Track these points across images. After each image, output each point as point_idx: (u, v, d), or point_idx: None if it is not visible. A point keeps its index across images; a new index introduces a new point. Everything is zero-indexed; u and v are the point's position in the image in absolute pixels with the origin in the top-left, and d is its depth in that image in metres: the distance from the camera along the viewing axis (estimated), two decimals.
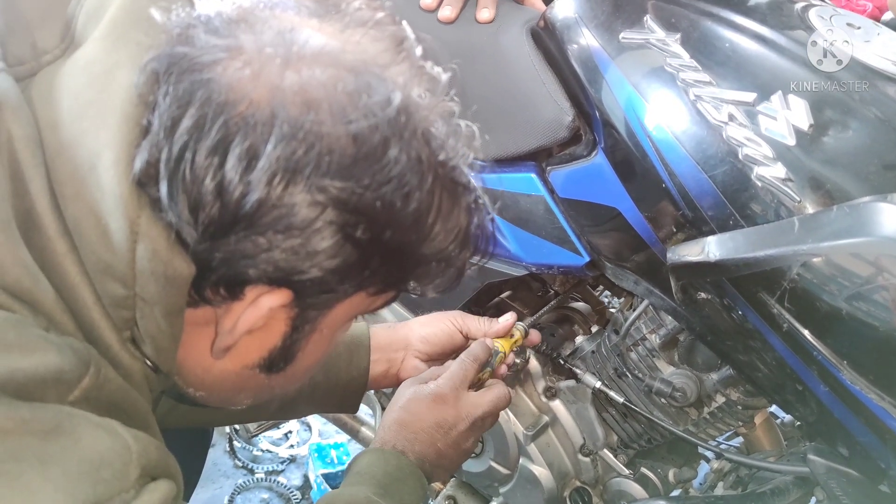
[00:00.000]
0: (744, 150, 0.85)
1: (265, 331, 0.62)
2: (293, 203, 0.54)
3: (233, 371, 0.66)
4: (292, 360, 0.66)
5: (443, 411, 0.96)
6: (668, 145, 0.91)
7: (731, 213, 0.87)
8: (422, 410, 0.95)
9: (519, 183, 1.13)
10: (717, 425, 1.19)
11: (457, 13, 1.22)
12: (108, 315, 0.56)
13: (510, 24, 1.18)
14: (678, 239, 0.94)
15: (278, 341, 0.64)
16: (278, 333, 0.64)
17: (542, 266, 1.17)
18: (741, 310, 0.89)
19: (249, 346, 0.64)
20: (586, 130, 1.05)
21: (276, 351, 0.65)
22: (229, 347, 0.63)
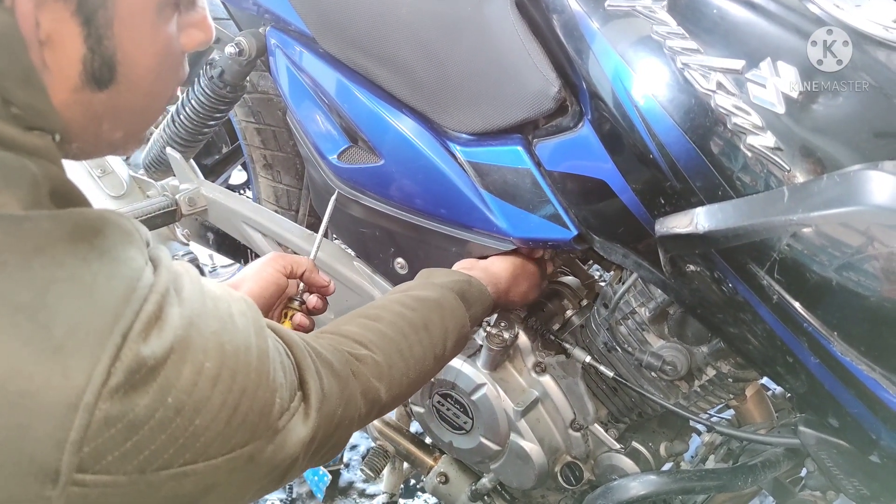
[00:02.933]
0: (732, 119, 0.83)
1: (57, 40, 0.57)
2: None
3: (73, 101, 0.61)
4: (115, 66, 0.61)
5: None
6: (655, 115, 0.89)
7: (720, 183, 0.85)
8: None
9: (505, 156, 1.12)
10: (708, 398, 1.19)
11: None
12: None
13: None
14: (666, 211, 0.92)
15: (80, 46, 0.58)
16: (72, 37, 0.58)
17: (529, 240, 1.15)
18: (731, 282, 0.88)
19: (60, 64, 0.58)
20: (573, 101, 1.03)
21: (89, 59, 0.59)
22: (43, 68, 0.58)
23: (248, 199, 1.68)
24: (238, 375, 0.60)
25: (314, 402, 0.73)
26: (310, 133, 1.40)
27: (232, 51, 1.47)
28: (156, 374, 0.54)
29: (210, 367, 0.58)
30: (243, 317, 0.65)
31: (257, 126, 1.81)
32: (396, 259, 1.38)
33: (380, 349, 0.90)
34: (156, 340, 0.54)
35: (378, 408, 0.89)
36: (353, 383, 0.82)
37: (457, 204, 1.20)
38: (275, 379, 0.66)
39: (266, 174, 1.86)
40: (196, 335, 0.58)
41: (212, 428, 0.58)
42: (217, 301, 0.64)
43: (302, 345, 0.76)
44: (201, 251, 2.18)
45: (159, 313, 0.55)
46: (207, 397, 0.57)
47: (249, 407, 0.61)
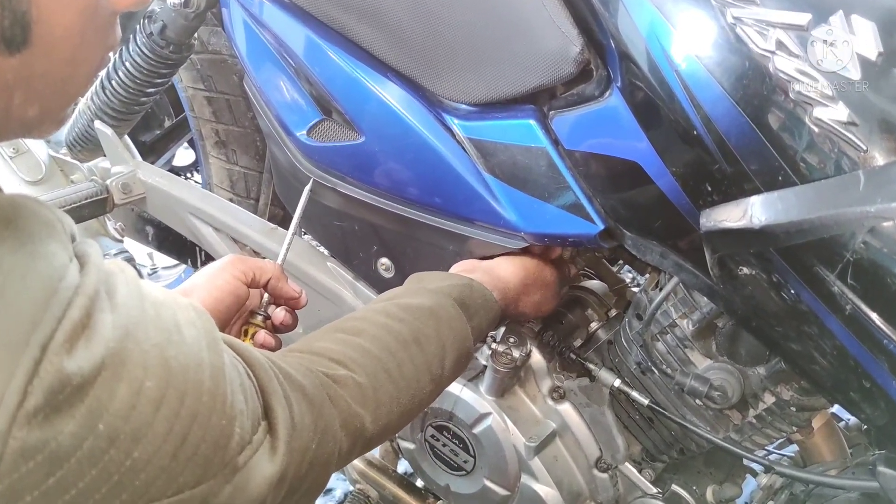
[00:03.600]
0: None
1: None
2: None
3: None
4: (29, 25, 0.59)
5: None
6: (700, 81, 0.89)
7: (780, 166, 0.85)
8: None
9: (515, 132, 1.12)
10: (766, 431, 1.19)
11: None
12: None
13: None
14: (714, 200, 0.92)
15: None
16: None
17: (544, 237, 1.16)
18: (793, 288, 0.88)
19: None
20: (598, 65, 1.03)
21: None
22: None
23: (196, 185, 1.69)
24: (187, 398, 0.60)
25: (282, 434, 0.72)
26: (273, 103, 1.40)
27: (176, 0, 1.47)
28: (83, 395, 0.53)
29: (151, 386, 0.57)
30: (192, 327, 0.65)
31: (207, 94, 1.81)
32: (380, 259, 1.38)
33: (362, 369, 0.90)
34: (83, 353, 0.53)
35: (363, 441, 0.89)
36: (330, 411, 0.82)
37: (454, 191, 1.20)
38: (233, 404, 0.65)
39: (218, 154, 1.86)
40: (133, 347, 0.57)
41: (154, 462, 0.57)
42: (160, 307, 0.63)
43: (266, 364, 0.75)
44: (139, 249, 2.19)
45: (87, 320, 0.55)
46: (148, 424, 0.57)
47: (201, 437, 0.61)
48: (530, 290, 1.20)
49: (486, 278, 1.13)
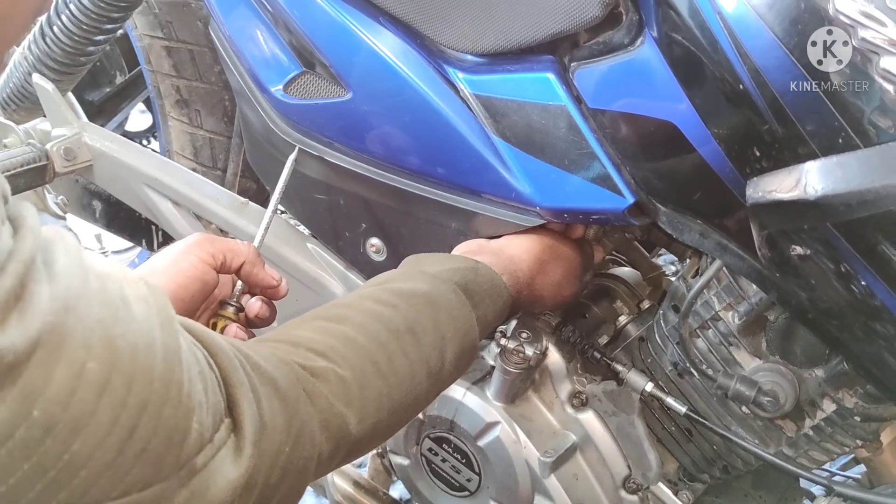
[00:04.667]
0: (860, 33, 0.84)
1: None
2: None
3: None
4: None
5: None
6: (748, 27, 0.90)
7: (841, 126, 0.86)
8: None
9: (530, 87, 1.13)
10: (826, 446, 1.20)
11: None
12: None
13: None
14: (763, 167, 0.93)
15: None
16: None
17: (564, 212, 1.17)
18: (857, 272, 0.88)
19: None
20: (628, 7, 1.04)
21: None
22: None
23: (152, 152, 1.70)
24: (135, 384, 0.60)
25: (249, 432, 0.72)
26: (245, 55, 1.41)
27: None
28: (15, 376, 0.53)
29: (94, 368, 0.57)
30: (143, 303, 0.65)
31: (166, 44, 1.82)
32: (370, 239, 1.39)
33: (346, 361, 0.89)
34: (15, 329, 0.53)
35: (347, 445, 0.88)
36: (307, 409, 0.82)
37: (457, 158, 1.21)
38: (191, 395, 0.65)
39: (180, 115, 1.87)
40: (74, 323, 0.57)
41: (97, 458, 0.57)
42: (105, 280, 0.63)
43: (231, 353, 0.75)
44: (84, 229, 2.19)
45: (20, 291, 0.55)
46: (90, 412, 0.57)
47: (152, 431, 0.61)
48: (547, 269, 1.21)
49: (493, 260, 1.14)
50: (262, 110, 1.41)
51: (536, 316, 1.32)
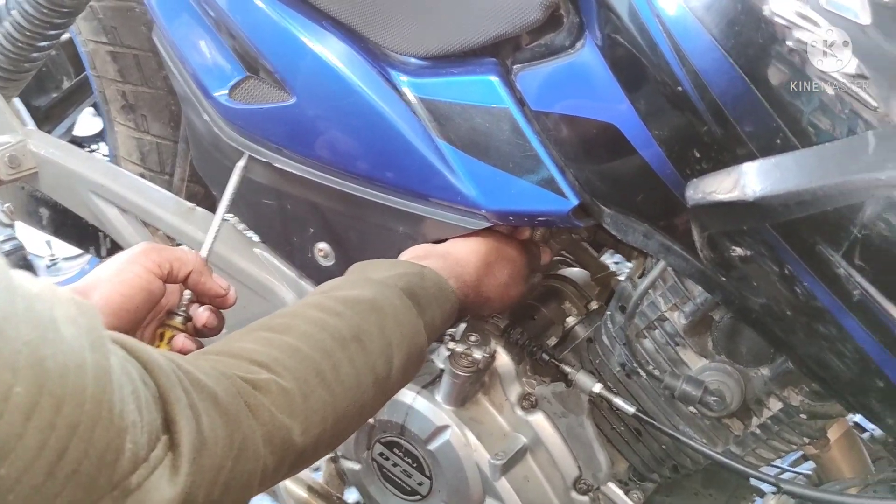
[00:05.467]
0: (795, 34, 0.85)
1: None
2: None
3: None
4: None
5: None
6: (686, 29, 0.91)
7: (778, 127, 0.87)
8: None
9: (473, 90, 1.13)
10: (773, 443, 1.20)
11: None
12: None
13: None
14: (703, 169, 0.93)
15: None
16: None
17: (509, 215, 1.17)
18: (795, 272, 0.89)
19: None
20: (569, 10, 1.04)
21: None
22: None
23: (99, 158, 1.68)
24: (65, 405, 0.59)
25: (187, 450, 0.71)
26: (188, 61, 1.40)
27: None
28: None
29: (21, 392, 0.56)
30: (73, 325, 0.64)
31: (112, 49, 1.80)
32: (318, 244, 1.38)
33: (289, 371, 0.89)
34: None
35: (292, 457, 0.88)
36: (248, 422, 0.81)
37: (402, 162, 1.21)
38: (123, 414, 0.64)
39: (126, 120, 1.85)
40: (1, 346, 0.56)
41: (25, 481, 0.57)
42: (33, 301, 0.62)
43: (168, 368, 0.74)
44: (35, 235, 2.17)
45: None
46: (18, 435, 0.56)
47: (83, 452, 0.60)
48: (494, 269, 1.21)
49: (440, 264, 1.14)
50: (207, 116, 1.40)
51: (485, 319, 1.32)
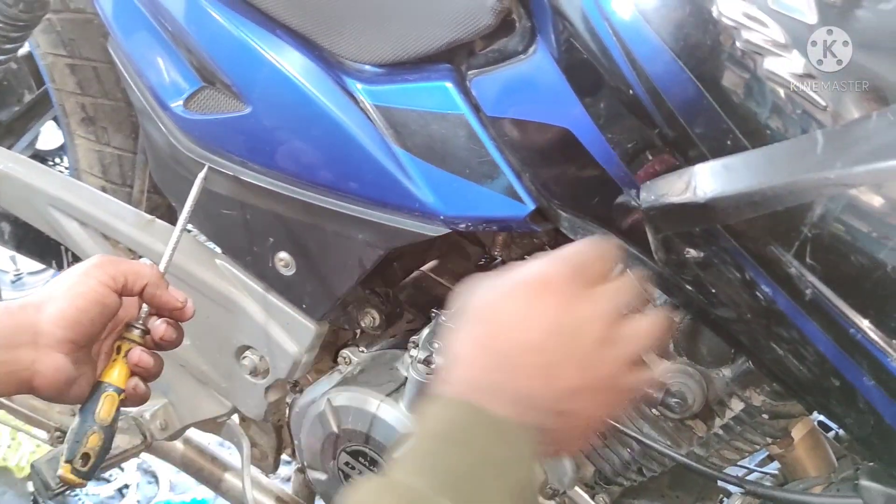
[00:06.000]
0: (744, 35, 0.85)
1: None
2: None
3: None
4: None
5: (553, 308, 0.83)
6: (635, 32, 0.91)
7: (729, 128, 0.87)
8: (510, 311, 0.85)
9: (428, 97, 1.13)
10: (736, 444, 1.21)
11: None
12: None
13: None
14: (655, 171, 0.94)
15: None
16: None
17: (467, 220, 1.16)
18: (749, 273, 0.89)
19: None
20: (521, 14, 1.04)
21: None
22: None
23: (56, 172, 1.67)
24: None
25: None
26: (145, 73, 1.39)
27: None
28: None
29: None
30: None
31: (70, 62, 1.80)
32: (278, 254, 1.38)
33: None
34: None
35: None
36: None
37: (360, 170, 1.20)
38: None
39: (86, 133, 1.84)
40: None
41: None
42: None
43: None
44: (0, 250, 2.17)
45: None
46: None
47: None
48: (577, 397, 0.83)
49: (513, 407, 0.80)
50: (164, 128, 1.39)
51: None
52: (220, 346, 1.47)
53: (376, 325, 1.45)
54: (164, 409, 1.58)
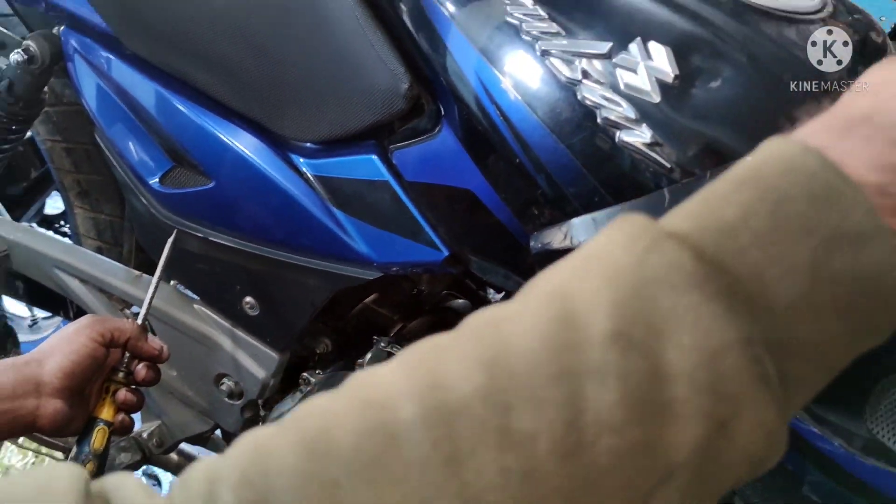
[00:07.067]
0: (602, 113, 0.86)
1: None
2: None
3: None
4: None
5: None
6: (518, 113, 0.92)
7: (596, 188, 0.88)
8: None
9: (358, 167, 1.13)
10: None
11: None
12: None
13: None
14: (542, 223, 0.95)
15: None
16: None
17: (396, 265, 1.16)
18: None
19: None
20: (428, 100, 1.05)
21: None
22: None
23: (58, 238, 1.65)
24: None
25: None
26: (125, 155, 1.38)
27: (19, 58, 1.44)
28: None
29: None
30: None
31: (66, 146, 1.78)
32: (245, 298, 1.37)
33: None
34: None
35: None
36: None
37: (307, 229, 1.20)
38: None
39: (83, 203, 1.82)
40: None
41: None
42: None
43: None
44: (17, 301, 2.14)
45: None
46: None
47: None
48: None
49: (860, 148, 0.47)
50: (144, 200, 1.38)
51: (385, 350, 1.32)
52: (202, 375, 1.46)
53: (329, 352, 1.45)
54: (159, 429, 1.56)
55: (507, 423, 0.40)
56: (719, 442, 0.40)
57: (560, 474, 0.39)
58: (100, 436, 1.11)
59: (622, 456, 0.40)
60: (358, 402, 0.42)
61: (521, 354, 0.41)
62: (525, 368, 0.41)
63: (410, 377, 0.42)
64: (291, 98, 1.16)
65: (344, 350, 1.46)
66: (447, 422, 0.40)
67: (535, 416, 0.40)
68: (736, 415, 0.40)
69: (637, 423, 0.40)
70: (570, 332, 0.41)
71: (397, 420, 0.41)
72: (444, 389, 0.41)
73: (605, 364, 0.40)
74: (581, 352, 0.41)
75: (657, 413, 0.40)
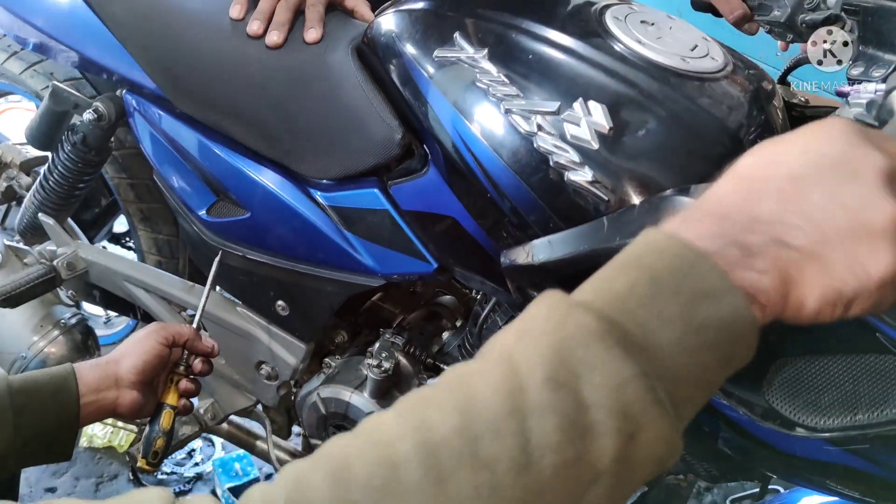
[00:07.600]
0: (554, 158, 0.88)
1: None
2: None
3: None
4: None
5: (831, 143, 0.49)
6: (488, 158, 0.94)
7: (551, 216, 0.90)
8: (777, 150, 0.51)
9: (364, 199, 1.15)
10: None
11: (284, 37, 1.20)
12: None
13: (337, 42, 1.18)
14: (509, 243, 0.97)
15: None
16: None
17: (395, 275, 1.18)
18: None
19: None
20: (418, 145, 1.07)
21: None
22: None
23: (126, 257, 1.67)
24: None
25: None
26: (177, 190, 1.40)
27: (90, 117, 1.45)
28: None
29: None
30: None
31: (130, 181, 1.79)
32: (277, 302, 1.38)
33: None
34: None
35: None
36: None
37: (324, 247, 1.22)
38: None
39: (145, 227, 1.84)
40: None
41: None
42: None
43: None
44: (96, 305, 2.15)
45: None
46: None
47: None
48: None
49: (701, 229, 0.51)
50: (194, 227, 1.40)
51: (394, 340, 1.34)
52: (245, 362, 1.48)
53: (345, 341, 1.46)
54: (212, 406, 1.58)
55: (477, 450, 0.45)
56: (630, 451, 0.45)
57: (517, 486, 0.44)
58: (167, 417, 1.14)
59: (561, 468, 0.44)
60: (368, 442, 0.48)
61: (483, 400, 0.46)
62: (487, 410, 0.46)
63: (405, 421, 0.47)
64: (309, 145, 1.18)
65: (357, 340, 1.48)
66: (433, 453, 0.45)
67: (496, 444, 0.45)
68: (641, 429, 0.45)
69: (570, 443, 0.45)
70: (515, 381, 0.46)
71: (397, 453, 0.45)
72: (430, 429, 0.46)
73: (543, 402, 0.45)
74: (525, 395, 0.46)
75: (583, 434, 0.45)
